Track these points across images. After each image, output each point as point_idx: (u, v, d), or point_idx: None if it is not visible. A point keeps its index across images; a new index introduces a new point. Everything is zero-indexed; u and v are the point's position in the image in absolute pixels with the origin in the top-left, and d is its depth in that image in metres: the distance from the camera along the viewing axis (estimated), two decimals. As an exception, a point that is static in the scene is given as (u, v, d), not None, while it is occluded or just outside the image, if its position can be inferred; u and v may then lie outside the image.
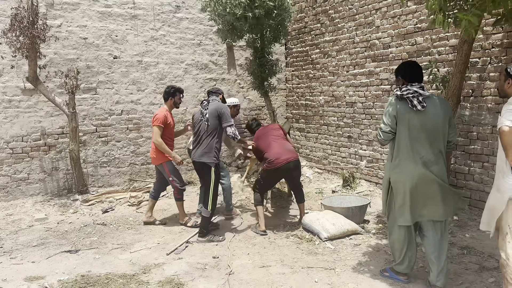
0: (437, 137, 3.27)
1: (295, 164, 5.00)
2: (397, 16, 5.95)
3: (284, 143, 5.12)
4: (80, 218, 5.79)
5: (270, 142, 5.10)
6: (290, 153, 4.97)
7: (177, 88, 5.36)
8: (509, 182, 2.84)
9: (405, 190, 3.31)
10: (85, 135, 6.95)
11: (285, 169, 4.93)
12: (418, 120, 3.24)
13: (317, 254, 4.28)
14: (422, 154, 3.25)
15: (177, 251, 4.44)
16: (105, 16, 6.98)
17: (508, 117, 2.78)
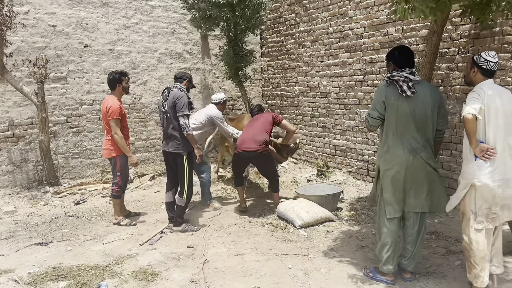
0: (426, 125, 3.19)
1: (255, 155, 5.05)
2: (370, 7, 6.02)
3: (256, 132, 5.14)
4: (51, 210, 5.66)
5: (248, 127, 5.30)
6: (252, 144, 5.03)
7: (121, 72, 4.96)
8: (472, 168, 2.95)
9: (393, 178, 3.25)
10: (55, 126, 6.77)
11: (243, 157, 5.11)
12: (407, 106, 3.15)
13: (291, 241, 4.33)
14: (410, 141, 3.19)
15: (151, 242, 4.41)
16: (75, 3, 6.78)
17: (472, 105, 2.85)
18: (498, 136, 2.90)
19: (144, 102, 7.52)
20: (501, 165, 2.91)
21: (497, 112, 2.88)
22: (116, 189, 5.00)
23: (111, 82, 4.92)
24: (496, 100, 2.89)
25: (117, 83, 4.91)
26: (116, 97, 4.92)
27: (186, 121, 4.52)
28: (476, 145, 2.89)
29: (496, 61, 3.00)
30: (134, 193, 6.40)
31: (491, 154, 2.86)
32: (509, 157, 2.93)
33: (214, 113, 5.44)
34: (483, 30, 4.71)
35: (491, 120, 2.89)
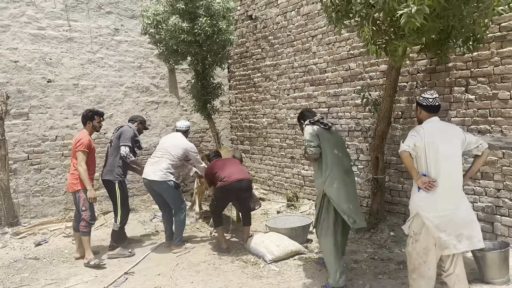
0: (344, 154, 4.06)
1: (247, 184, 5.03)
2: (332, 43, 6.27)
3: (239, 166, 5.20)
4: (9, 253, 5.37)
5: (225, 163, 5.20)
6: (242, 174, 5.04)
7: (95, 111, 5.13)
8: (416, 198, 3.24)
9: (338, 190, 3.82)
10: (15, 163, 6.52)
11: (236, 188, 4.95)
12: (332, 136, 4.03)
13: (262, 277, 4.28)
14: (344, 163, 3.99)
15: (116, 284, 4.24)
16: (38, 39, 6.69)
17: (407, 142, 3.20)
18: (439, 170, 3.13)
19: (109, 136, 7.36)
20: (445, 196, 3.13)
21: (438, 147, 3.13)
22: (84, 224, 4.83)
23: (83, 118, 5.08)
24: (437, 137, 3.16)
25: (88, 120, 5.04)
26: (87, 132, 5.03)
27: (127, 150, 5.08)
28: (418, 177, 3.17)
29: (434, 97, 3.31)
30: (98, 231, 6.17)
31: (432, 186, 3.11)
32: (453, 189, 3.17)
33: (189, 146, 5.32)
34: (438, 65, 4.98)
35: (431, 155, 3.15)
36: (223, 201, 5.20)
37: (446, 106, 4.92)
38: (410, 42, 3.58)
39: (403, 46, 3.57)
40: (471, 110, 4.67)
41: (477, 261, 3.85)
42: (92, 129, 5.07)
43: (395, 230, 5.21)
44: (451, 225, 3.12)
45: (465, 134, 3.29)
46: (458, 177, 3.20)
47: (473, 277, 3.88)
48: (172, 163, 5.18)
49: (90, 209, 4.88)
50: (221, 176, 5.00)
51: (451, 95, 4.86)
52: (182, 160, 5.36)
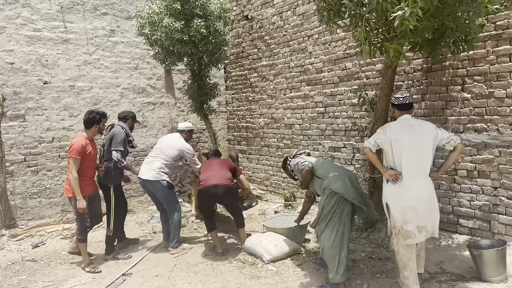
0: None
1: (223, 190, 4.88)
2: (328, 43, 6.28)
3: (221, 171, 5.05)
4: (7, 255, 5.36)
5: (209, 166, 5.16)
6: (220, 179, 4.91)
7: (102, 114, 4.90)
8: (385, 190, 3.58)
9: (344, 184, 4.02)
10: (12, 165, 6.50)
11: (211, 193, 4.86)
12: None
13: (260, 277, 4.28)
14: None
15: (113, 286, 4.23)
16: (34, 40, 6.68)
17: (370, 140, 3.56)
18: (405, 163, 3.41)
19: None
20: (411, 188, 3.39)
21: (404, 143, 3.40)
22: (77, 232, 4.74)
23: (89, 121, 4.76)
24: (405, 134, 3.42)
25: (95, 123, 4.78)
26: (86, 136, 4.74)
27: (118, 155, 4.93)
28: (385, 170, 3.48)
29: (404, 96, 3.59)
30: (96, 233, 6.14)
31: (397, 178, 3.41)
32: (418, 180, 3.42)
33: (185, 147, 5.28)
34: (434, 64, 4.99)
35: (397, 150, 3.43)
36: (202, 204, 5.13)
37: (443, 105, 4.93)
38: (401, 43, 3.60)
39: (393, 47, 3.59)
40: (467, 108, 4.68)
41: (474, 260, 3.86)
42: (96, 132, 4.86)
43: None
44: (416, 218, 3.37)
45: (438, 130, 3.50)
46: (424, 171, 3.44)
47: (470, 275, 3.90)
48: (166, 162, 5.17)
49: (81, 217, 4.63)
50: (200, 178, 5.03)
51: (447, 94, 4.87)
52: (177, 160, 5.34)
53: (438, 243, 4.82)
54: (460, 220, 4.85)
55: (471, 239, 4.65)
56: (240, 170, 5.43)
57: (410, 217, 3.37)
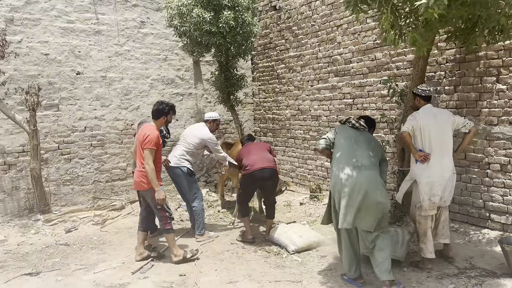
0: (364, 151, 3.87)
1: (270, 173, 4.98)
2: (357, 33, 6.17)
3: (265, 154, 5.14)
4: (42, 238, 5.58)
5: (250, 150, 5.21)
6: (267, 162, 5.01)
7: (172, 106, 4.77)
8: (414, 169, 4.07)
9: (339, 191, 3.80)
10: (47, 153, 6.75)
11: (259, 177, 4.95)
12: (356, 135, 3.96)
13: (285, 267, 4.30)
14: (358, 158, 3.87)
15: (142, 270, 4.35)
16: (68, 32, 6.87)
17: (406, 125, 4.02)
18: (431, 146, 3.95)
19: (135, 127, 7.53)
20: (435, 166, 3.93)
21: (430, 128, 3.95)
22: (166, 221, 4.54)
23: (159, 112, 4.63)
24: (430, 120, 3.97)
25: (163, 115, 4.65)
26: (155, 126, 4.63)
27: None
28: (415, 152, 3.98)
29: (429, 89, 4.15)
30: (126, 219, 6.34)
31: (426, 158, 3.95)
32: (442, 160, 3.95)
33: (207, 136, 5.34)
34: (468, 55, 4.84)
35: (426, 134, 3.96)
36: (247, 189, 5.21)
37: (476, 97, 4.79)
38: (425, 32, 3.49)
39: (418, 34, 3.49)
40: (502, 100, 4.53)
41: (506, 256, 3.76)
42: (164, 123, 4.77)
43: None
44: (439, 190, 3.93)
45: (454, 117, 4.08)
46: (447, 151, 4.00)
47: (501, 271, 3.81)
48: (187, 150, 5.27)
49: (162, 208, 4.53)
50: (245, 163, 5.05)
51: (481, 85, 4.72)
52: (199, 148, 5.40)
53: (468, 238, 4.71)
54: (492, 215, 4.71)
55: (503, 234, 4.52)
56: (273, 152, 5.49)
57: (435, 190, 3.92)
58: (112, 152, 7.31)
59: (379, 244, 3.62)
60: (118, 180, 7.38)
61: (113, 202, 7.01)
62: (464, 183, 4.98)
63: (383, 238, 3.64)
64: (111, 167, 7.29)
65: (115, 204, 6.85)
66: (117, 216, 6.44)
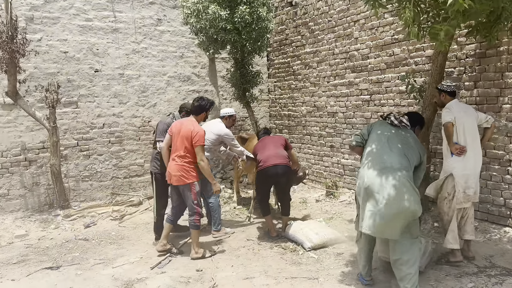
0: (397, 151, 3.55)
1: (283, 169, 4.97)
2: (375, 28, 6.10)
3: (278, 150, 5.12)
4: (61, 233, 5.69)
5: (265, 146, 5.20)
6: (279, 159, 4.99)
7: (212, 102, 4.77)
8: (450, 162, 4.05)
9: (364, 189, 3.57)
10: (66, 149, 6.87)
11: (272, 173, 4.96)
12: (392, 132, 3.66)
13: (301, 264, 4.30)
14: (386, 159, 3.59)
15: (160, 265, 4.40)
16: (86, 30, 6.97)
17: (449, 116, 3.99)
18: (466, 139, 3.99)
19: (153, 124, 7.60)
20: (469, 159, 3.97)
21: (464, 121, 3.99)
22: (197, 218, 4.57)
23: (200, 107, 4.63)
24: (462, 113, 4.02)
25: (204, 110, 4.67)
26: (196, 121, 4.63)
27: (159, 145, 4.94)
28: (453, 144, 3.98)
29: (454, 84, 4.22)
30: (143, 215, 6.42)
31: (463, 151, 3.97)
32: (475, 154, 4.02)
33: (223, 132, 5.35)
34: (489, 49, 4.74)
35: (460, 127, 3.99)
36: (262, 186, 5.22)
37: (497, 93, 4.69)
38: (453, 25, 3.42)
39: (445, 29, 3.41)
40: (525, 96, 4.42)
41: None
42: (203, 119, 4.77)
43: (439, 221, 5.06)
44: (473, 183, 4.01)
45: (477, 113, 4.19)
46: (478, 144, 4.06)
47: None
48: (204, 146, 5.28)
49: (199, 203, 4.63)
50: (259, 159, 5.07)
51: (502, 81, 4.62)
52: (216, 144, 5.41)
53: (488, 237, 4.63)
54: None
55: (525, 233, 4.43)
56: (290, 144, 5.47)
57: (470, 183, 3.99)
58: (129, 149, 7.40)
59: (405, 255, 3.30)
60: (135, 176, 7.48)
61: (130, 198, 7.10)
62: (484, 181, 4.88)
63: (411, 248, 3.31)
64: (128, 163, 7.39)
65: (132, 200, 6.94)
66: (134, 212, 6.53)
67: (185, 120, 4.66)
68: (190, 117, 4.69)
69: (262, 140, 5.43)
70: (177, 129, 4.56)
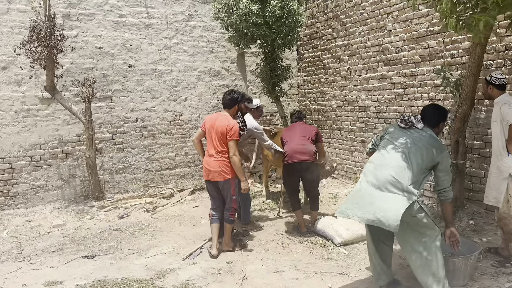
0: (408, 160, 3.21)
1: (307, 166, 4.95)
2: (409, 20, 5.94)
3: (305, 144, 5.05)
4: (96, 224, 5.89)
5: (292, 137, 5.15)
6: (304, 155, 4.94)
7: (243, 94, 4.74)
8: (507, 161, 3.78)
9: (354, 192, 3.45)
10: (101, 143, 7.08)
11: (297, 168, 4.96)
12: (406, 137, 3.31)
13: (331, 259, 4.28)
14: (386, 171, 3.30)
15: (191, 257, 4.49)
16: (120, 26, 7.13)
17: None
18: None
19: (184, 118, 7.73)
20: None
21: None
22: (233, 213, 4.61)
23: (232, 100, 4.57)
24: None
25: (237, 103, 4.61)
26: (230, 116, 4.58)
27: None
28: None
29: (504, 77, 3.94)
30: (175, 207, 6.55)
31: None
32: None
33: (252, 125, 5.31)
34: (530, 41, 4.53)
35: None
36: (289, 180, 5.20)
37: (539, 86, 4.48)
38: (492, 16, 3.28)
39: (484, 20, 3.28)
40: None
41: None
42: (236, 112, 4.69)
43: (474, 219, 4.91)
44: None
45: None
46: None
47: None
48: None
49: (238, 197, 4.63)
50: (285, 151, 5.06)
51: (546, 74, 4.41)
52: (245, 138, 5.41)
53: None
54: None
55: None
56: (321, 136, 5.40)
57: None
58: (161, 143, 7.55)
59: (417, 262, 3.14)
60: (167, 170, 7.62)
61: (162, 190, 7.25)
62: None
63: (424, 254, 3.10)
64: (160, 156, 7.54)
65: (164, 193, 7.09)
66: (166, 204, 6.67)
67: (219, 114, 4.61)
68: (223, 112, 4.65)
69: (292, 127, 5.36)
70: (211, 124, 4.52)
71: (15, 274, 4.20)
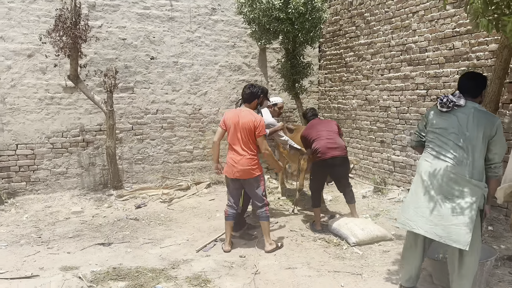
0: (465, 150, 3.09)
1: (340, 160, 4.96)
2: (435, 20, 5.82)
3: (336, 139, 5.06)
4: (114, 212, 5.98)
5: (320, 133, 5.12)
6: (338, 150, 4.95)
7: (262, 89, 4.62)
8: None
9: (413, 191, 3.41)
10: (121, 133, 7.19)
11: (331, 164, 4.94)
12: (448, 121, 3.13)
13: (344, 258, 4.24)
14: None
15: (205, 249, 4.52)
16: (144, 18, 7.20)
17: None
18: None
19: (203, 112, 7.78)
20: None
21: None
22: (267, 208, 4.49)
23: (252, 95, 4.47)
24: None
25: (256, 97, 4.51)
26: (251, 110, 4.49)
27: None
28: None
29: None
30: (191, 199, 6.60)
31: None
32: None
33: (268, 121, 5.28)
34: (562, 44, 4.37)
35: None
36: (318, 176, 5.17)
37: None
38: None
39: None
40: None
41: None
42: (256, 106, 4.59)
43: (494, 225, 4.80)
44: None
45: None
46: None
47: None
48: None
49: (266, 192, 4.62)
50: (317, 148, 4.98)
51: None
52: None
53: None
54: None
55: None
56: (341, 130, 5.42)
57: None
58: (180, 135, 7.61)
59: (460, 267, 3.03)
60: (185, 162, 7.69)
61: (179, 182, 7.32)
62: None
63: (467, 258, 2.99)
64: (179, 149, 7.61)
65: (181, 184, 7.16)
66: (183, 196, 6.73)
67: (241, 110, 4.41)
68: (242, 107, 4.51)
69: (314, 124, 5.31)
70: (234, 121, 4.36)
71: (33, 258, 4.31)
